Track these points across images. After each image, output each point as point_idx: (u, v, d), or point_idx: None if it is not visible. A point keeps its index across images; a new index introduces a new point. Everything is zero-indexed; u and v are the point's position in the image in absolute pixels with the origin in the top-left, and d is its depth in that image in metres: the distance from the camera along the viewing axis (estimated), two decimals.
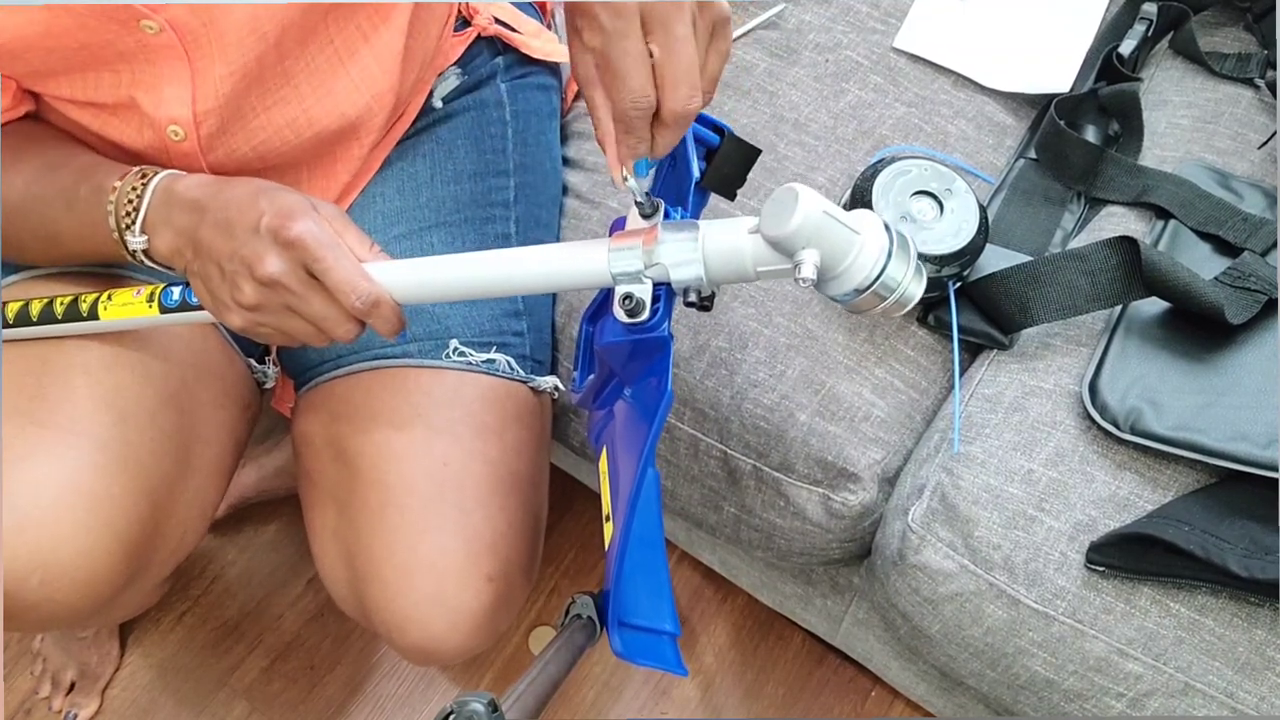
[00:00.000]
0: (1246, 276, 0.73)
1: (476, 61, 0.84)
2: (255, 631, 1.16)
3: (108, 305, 0.66)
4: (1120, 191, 0.83)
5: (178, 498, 0.72)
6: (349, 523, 0.76)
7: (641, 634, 0.61)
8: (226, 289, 0.58)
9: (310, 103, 0.70)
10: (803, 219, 0.50)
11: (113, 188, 0.63)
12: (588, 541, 1.22)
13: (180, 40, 0.62)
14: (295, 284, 0.57)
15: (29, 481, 0.64)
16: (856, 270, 0.52)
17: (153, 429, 0.69)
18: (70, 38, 0.60)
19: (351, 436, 0.76)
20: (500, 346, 0.79)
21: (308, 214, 0.57)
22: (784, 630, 1.16)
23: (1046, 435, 0.72)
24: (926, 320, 0.80)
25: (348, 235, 0.59)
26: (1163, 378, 0.71)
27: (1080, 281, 0.73)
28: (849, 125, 0.90)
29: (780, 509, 0.80)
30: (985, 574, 0.70)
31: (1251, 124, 0.87)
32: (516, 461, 0.78)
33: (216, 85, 0.64)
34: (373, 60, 0.71)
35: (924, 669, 0.94)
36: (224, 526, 1.22)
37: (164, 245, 0.62)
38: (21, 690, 1.11)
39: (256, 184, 0.60)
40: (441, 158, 0.82)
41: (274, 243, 0.56)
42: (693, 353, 0.81)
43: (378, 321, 0.59)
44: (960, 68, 0.93)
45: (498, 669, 1.14)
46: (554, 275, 0.58)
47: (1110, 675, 0.68)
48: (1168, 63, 0.95)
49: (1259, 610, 0.66)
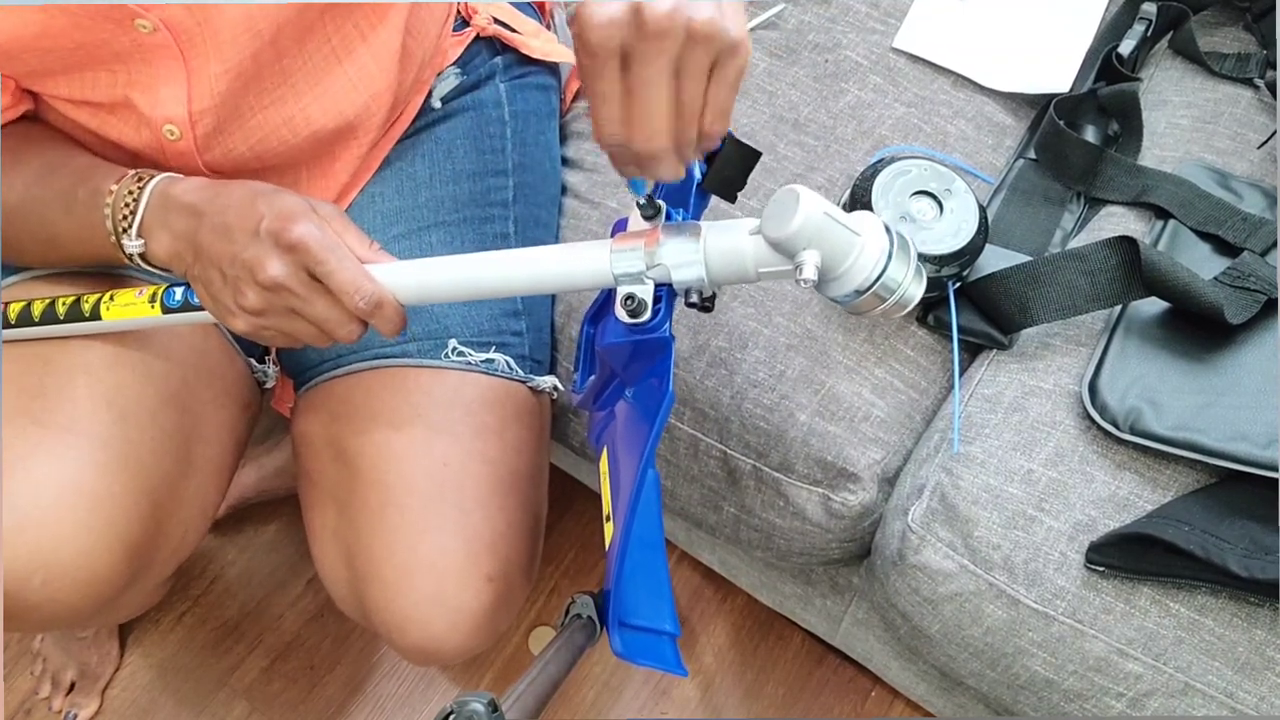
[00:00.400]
0: (1246, 276, 0.73)
1: (475, 61, 0.84)
2: (255, 631, 1.16)
3: (110, 305, 0.66)
4: (1120, 191, 0.83)
5: (179, 497, 0.72)
6: (349, 523, 0.76)
7: (641, 634, 0.61)
8: (229, 293, 0.58)
9: (307, 101, 0.70)
10: (804, 220, 0.50)
11: (109, 191, 0.63)
12: (588, 541, 1.22)
13: (175, 39, 0.62)
14: (298, 287, 0.57)
15: (30, 481, 0.64)
16: (857, 271, 0.52)
17: (154, 428, 0.69)
18: (66, 38, 0.60)
19: (351, 436, 0.76)
20: (499, 346, 0.79)
21: (307, 216, 0.57)
22: (784, 630, 1.16)
23: (1046, 435, 0.72)
24: (926, 320, 0.80)
25: (347, 235, 0.59)
26: (1162, 378, 0.71)
27: (1080, 281, 0.73)
28: (848, 125, 0.90)
29: (780, 509, 0.80)
30: (985, 574, 0.70)
31: (1251, 124, 0.87)
32: (516, 461, 0.78)
33: (212, 84, 0.64)
34: (370, 59, 0.71)
35: (924, 669, 0.95)
36: (224, 526, 1.22)
37: (161, 249, 0.62)
38: (21, 690, 1.11)
39: (253, 187, 0.60)
40: (440, 158, 0.82)
41: (275, 246, 0.56)
42: (692, 352, 0.81)
43: (380, 322, 0.59)
44: (960, 68, 0.93)
45: (498, 669, 1.14)
46: (556, 276, 0.58)
47: (1110, 675, 0.68)
48: (1167, 63, 0.95)
49: (1259, 610, 0.66)
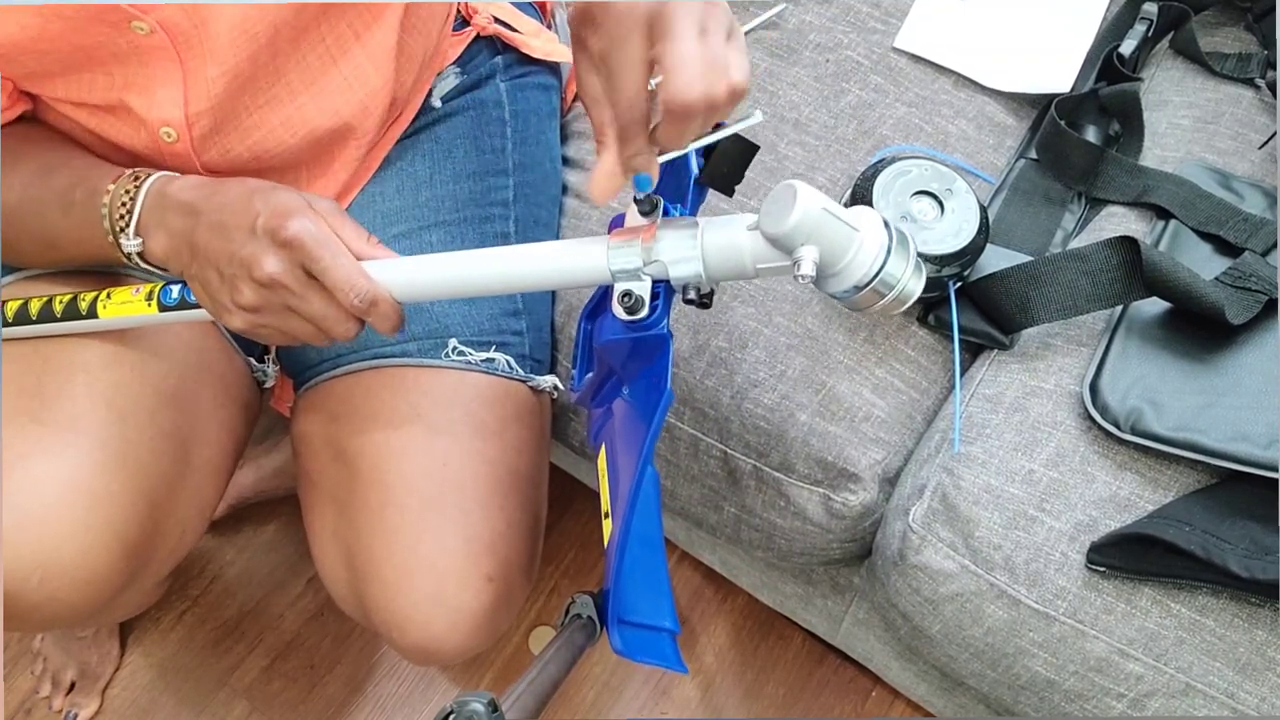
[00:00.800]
0: (1247, 277, 0.73)
1: (476, 61, 0.84)
2: (255, 631, 1.16)
3: (107, 304, 0.66)
4: (1121, 192, 0.83)
5: (177, 496, 0.72)
6: (348, 523, 0.75)
7: (641, 631, 0.61)
8: (226, 291, 0.58)
9: (303, 101, 0.69)
10: (801, 215, 0.50)
11: (106, 190, 0.63)
12: (588, 541, 1.22)
13: (171, 41, 0.62)
14: (294, 283, 0.57)
15: (31, 479, 0.64)
16: (856, 267, 0.52)
17: (152, 427, 0.69)
18: (63, 40, 0.60)
19: (351, 436, 0.76)
20: (499, 346, 0.79)
21: (304, 212, 0.57)
22: (784, 630, 1.16)
23: (1047, 435, 0.72)
24: (927, 320, 0.80)
25: (344, 230, 0.59)
26: (1163, 378, 0.71)
27: (1081, 281, 0.73)
28: (849, 125, 0.89)
29: (781, 509, 0.80)
30: (986, 574, 0.70)
31: (1252, 124, 0.87)
32: (516, 461, 0.77)
33: (208, 86, 0.64)
34: (365, 58, 0.71)
35: (924, 669, 0.94)
36: (223, 526, 1.22)
37: (159, 248, 0.62)
38: (22, 690, 1.11)
39: (249, 184, 0.60)
40: (441, 157, 0.82)
41: (271, 243, 0.56)
42: (692, 352, 0.81)
43: (377, 320, 0.59)
44: (961, 68, 0.92)
45: (498, 669, 1.14)
46: (553, 273, 0.58)
47: (1111, 676, 0.68)
48: (1168, 63, 0.95)
49: (1260, 611, 0.66)
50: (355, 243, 0.59)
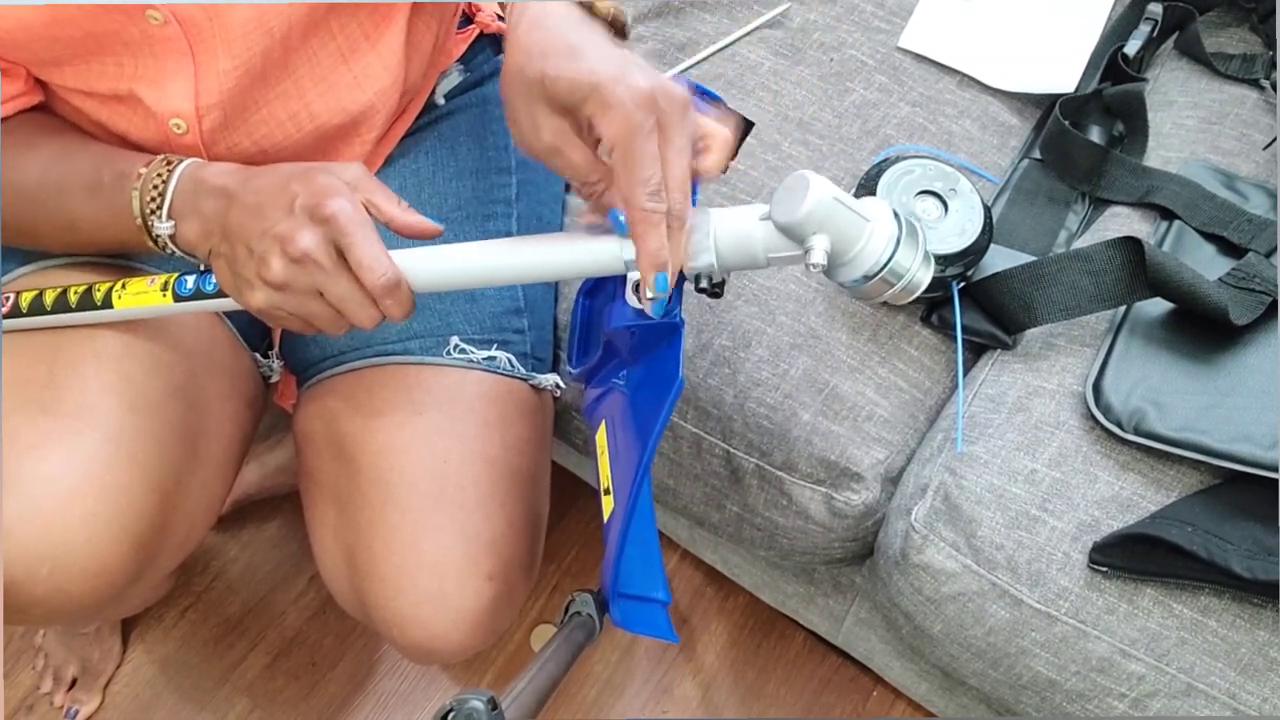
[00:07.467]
0: (1251, 278, 0.73)
1: (479, 59, 0.84)
2: (257, 628, 1.16)
3: (122, 294, 0.66)
4: (1125, 192, 0.83)
5: (185, 489, 0.72)
6: (349, 520, 0.75)
7: (636, 603, 0.62)
8: (253, 266, 0.58)
9: (312, 97, 0.70)
10: (814, 204, 0.51)
11: (138, 174, 0.63)
12: (589, 539, 1.22)
13: (185, 33, 0.62)
14: (324, 259, 0.56)
15: (39, 471, 0.63)
16: (866, 256, 0.53)
17: (161, 420, 0.69)
18: (76, 26, 0.60)
19: (352, 433, 0.76)
20: (501, 344, 0.79)
21: (343, 193, 0.57)
22: (786, 630, 1.16)
23: (1050, 435, 0.72)
24: (930, 320, 0.80)
25: (376, 195, 0.58)
26: (1166, 378, 0.71)
27: (1084, 282, 0.73)
28: (853, 125, 0.89)
29: (783, 508, 0.80)
30: (988, 574, 0.70)
31: (1256, 125, 0.87)
32: (517, 459, 0.77)
33: (220, 80, 0.65)
34: (374, 57, 0.71)
35: (926, 669, 0.94)
36: (226, 523, 1.22)
37: (191, 232, 0.62)
38: (23, 686, 1.11)
39: (285, 170, 0.59)
40: (444, 154, 0.82)
41: (309, 219, 0.56)
42: (696, 351, 0.81)
43: (393, 305, 0.58)
44: (965, 67, 0.92)
45: (499, 667, 1.14)
46: (568, 262, 0.59)
47: (1113, 676, 0.68)
48: (1173, 63, 0.95)
49: (1262, 611, 0.66)
50: (387, 206, 0.59)
